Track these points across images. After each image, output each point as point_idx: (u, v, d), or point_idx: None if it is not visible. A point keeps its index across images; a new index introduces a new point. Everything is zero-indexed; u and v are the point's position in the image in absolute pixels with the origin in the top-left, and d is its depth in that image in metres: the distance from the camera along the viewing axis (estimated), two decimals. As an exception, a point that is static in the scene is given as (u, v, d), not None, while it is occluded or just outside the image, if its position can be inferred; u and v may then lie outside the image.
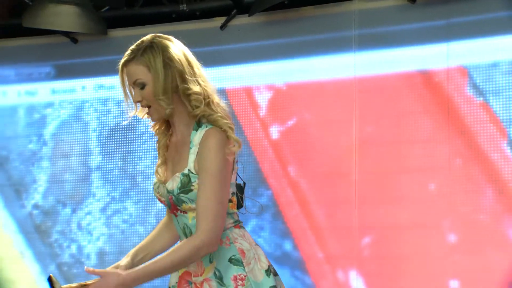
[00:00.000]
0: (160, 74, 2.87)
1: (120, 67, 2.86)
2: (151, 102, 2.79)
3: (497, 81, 3.47)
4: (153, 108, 2.80)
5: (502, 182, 3.43)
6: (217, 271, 2.65)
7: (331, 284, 3.68)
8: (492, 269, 3.43)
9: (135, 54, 2.85)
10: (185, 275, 2.63)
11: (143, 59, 2.86)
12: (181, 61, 2.92)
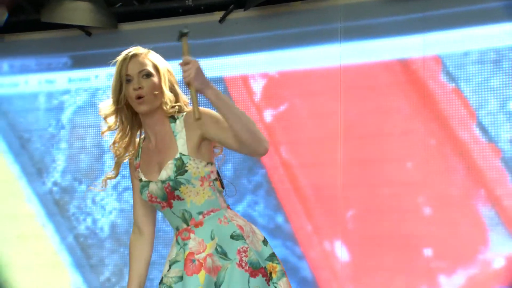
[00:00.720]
0: (166, 74, 3.08)
1: (129, 57, 3.00)
2: (148, 93, 2.86)
3: (467, 69, 3.59)
4: (147, 98, 2.84)
5: (471, 159, 3.54)
6: (218, 247, 2.81)
7: (318, 253, 3.77)
8: (462, 237, 3.53)
9: (144, 52, 3.05)
10: (189, 256, 2.77)
11: (152, 57, 3.03)
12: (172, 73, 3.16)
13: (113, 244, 4.23)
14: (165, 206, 2.86)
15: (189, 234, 2.85)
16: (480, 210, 3.53)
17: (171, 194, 2.82)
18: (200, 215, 2.84)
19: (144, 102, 2.87)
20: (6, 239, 4.46)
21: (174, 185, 2.82)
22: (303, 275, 3.79)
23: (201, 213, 2.84)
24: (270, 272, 2.82)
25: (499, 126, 3.53)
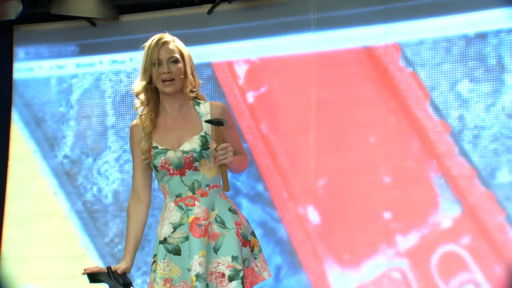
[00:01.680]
0: (188, 60, 3.16)
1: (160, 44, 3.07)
2: (175, 76, 3.05)
3: (423, 55, 3.72)
4: (175, 81, 3.06)
5: (425, 134, 3.67)
6: (218, 217, 3.10)
7: (293, 217, 3.89)
8: (416, 202, 3.66)
9: (171, 39, 3.14)
10: (195, 220, 3.07)
11: (178, 46, 3.13)
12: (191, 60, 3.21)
13: (115, 209, 4.31)
14: (175, 173, 3.09)
15: (193, 201, 3.10)
16: (432, 179, 3.65)
17: (189, 164, 3.07)
18: (207, 187, 3.12)
19: (171, 84, 3.04)
20: (23, 204, 4.50)
21: (197, 156, 3.07)
22: (280, 235, 3.91)
23: (208, 185, 3.12)
24: (253, 245, 3.17)
25: (449, 105, 3.65)
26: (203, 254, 3.08)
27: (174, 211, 3.12)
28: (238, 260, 3.07)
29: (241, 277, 3.06)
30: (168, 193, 3.16)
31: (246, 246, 3.15)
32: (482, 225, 3.54)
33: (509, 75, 3.54)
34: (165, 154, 3.07)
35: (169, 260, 3.12)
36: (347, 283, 3.78)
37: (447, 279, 3.58)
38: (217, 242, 3.10)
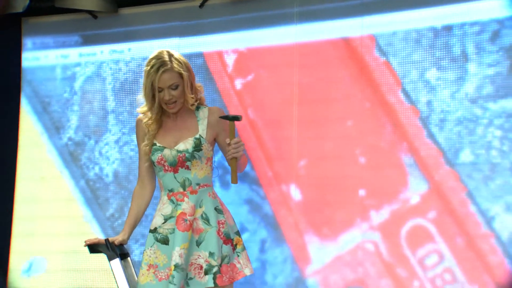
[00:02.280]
0: (187, 79, 3.26)
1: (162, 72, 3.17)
2: (177, 99, 3.24)
3: (395, 46, 3.74)
4: (178, 103, 3.25)
5: (396, 118, 3.71)
6: (204, 214, 3.27)
7: (277, 194, 3.94)
8: (388, 181, 3.72)
9: (168, 65, 3.22)
10: (182, 215, 3.25)
11: (177, 67, 3.22)
12: (191, 71, 3.32)
13: (115, 187, 4.33)
14: (169, 170, 3.29)
15: (183, 197, 3.26)
16: (402, 159, 3.69)
17: (182, 163, 3.25)
18: (197, 185, 3.28)
19: (175, 106, 3.25)
20: (32, 182, 4.53)
21: (189, 156, 3.25)
22: (265, 211, 3.96)
23: (198, 184, 3.28)
24: (236, 243, 3.31)
25: (418, 92, 3.68)
26: (185, 247, 3.22)
27: (167, 204, 3.30)
28: (215, 257, 3.23)
29: (213, 272, 3.23)
30: (163, 187, 3.33)
31: (227, 244, 3.28)
32: (446, 201, 3.59)
33: (472, 64, 3.57)
34: (161, 151, 3.26)
35: (157, 248, 3.29)
36: (325, 254, 3.82)
37: (414, 250, 3.63)
38: (200, 237, 3.25)
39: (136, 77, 4.32)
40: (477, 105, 3.57)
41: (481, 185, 3.53)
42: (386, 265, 3.69)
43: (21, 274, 4.50)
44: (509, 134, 3.50)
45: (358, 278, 3.74)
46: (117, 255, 3.44)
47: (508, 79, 3.51)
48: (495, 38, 3.55)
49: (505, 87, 3.52)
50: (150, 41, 4.30)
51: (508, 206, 3.49)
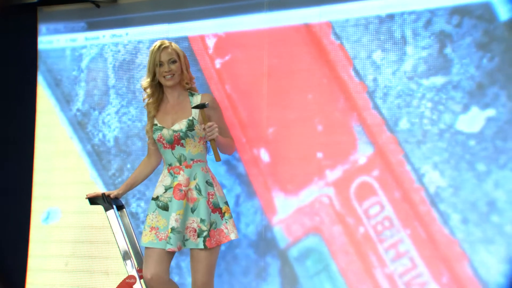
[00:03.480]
0: (184, 60, 3.51)
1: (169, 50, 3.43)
2: (175, 72, 3.44)
3: (347, 31, 3.81)
4: (174, 76, 3.44)
5: (348, 93, 3.81)
6: (197, 185, 3.44)
7: (249, 157, 4.02)
8: (341, 144, 3.82)
9: (167, 44, 3.46)
10: (178, 186, 3.42)
11: (175, 49, 3.49)
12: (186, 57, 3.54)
13: (116, 151, 4.42)
14: (167, 147, 3.46)
15: (179, 170, 3.44)
16: (352, 126, 3.79)
17: (177, 141, 3.41)
18: (192, 161, 3.46)
19: (171, 79, 3.44)
20: (48, 145, 4.64)
21: (183, 135, 3.42)
22: (239, 171, 4.04)
23: (192, 160, 3.46)
24: (224, 212, 3.48)
25: (366, 70, 3.77)
26: (180, 213, 3.40)
27: (167, 176, 3.48)
28: (205, 223, 3.40)
29: (203, 236, 3.39)
30: (165, 162, 3.51)
31: (215, 213, 3.45)
32: (387, 161, 3.70)
33: (410, 47, 3.67)
34: (160, 130, 3.45)
35: (158, 213, 3.45)
36: (289, 206, 3.93)
37: (361, 202, 3.76)
38: (194, 205, 3.43)
39: (132, 57, 4.41)
40: (413, 81, 3.67)
41: (415, 148, 3.65)
42: (338, 214, 3.80)
43: (41, 222, 4.61)
44: (438, 105, 3.61)
45: (315, 225, 3.84)
46: (112, 206, 3.68)
47: (437, 59, 3.61)
48: (427, 25, 3.64)
49: (435, 66, 3.62)
50: (144, 27, 4.36)
51: (435, 165, 3.60)
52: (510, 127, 3.49)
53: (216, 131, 3.35)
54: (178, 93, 3.55)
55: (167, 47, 3.48)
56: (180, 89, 3.56)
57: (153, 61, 3.45)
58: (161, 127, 3.48)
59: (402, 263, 3.69)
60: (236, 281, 4.05)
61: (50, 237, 4.59)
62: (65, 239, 4.55)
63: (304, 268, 3.90)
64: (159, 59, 3.44)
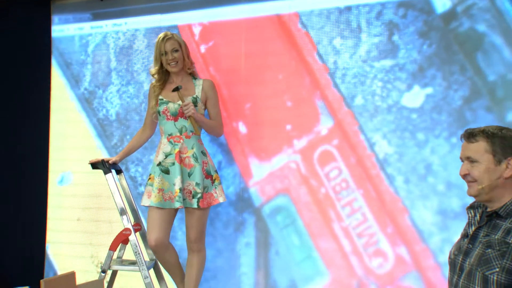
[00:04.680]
0: (185, 48, 3.57)
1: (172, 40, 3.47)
2: (178, 60, 3.53)
3: (312, 21, 3.90)
4: (178, 63, 3.53)
5: (313, 73, 3.87)
6: (194, 154, 3.53)
7: (229, 129, 4.06)
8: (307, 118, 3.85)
9: (170, 36, 3.51)
10: (179, 153, 3.48)
11: (177, 39, 3.55)
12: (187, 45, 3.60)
13: (117, 124, 4.51)
14: (171, 118, 3.52)
15: (180, 140, 3.51)
16: (316, 103, 3.85)
17: (181, 114, 3.49)
18: (191, 132, 3.53)
19: (176, 66, 3.54)
20: (61, 117, 4.71)
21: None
22: (221, 141, 4.09)
23: (192, 131, 3.54)
24: (214, 179, 3.58)
25: (328, 54, 3.84)
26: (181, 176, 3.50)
27: (167, 145, 3.54)
28: (199, 186, 3.50)
29: (198, 197, 3.50)
30: (164, 133, 3.56)
31: (208, 179, 3.56)
32: (345, 132, 3.78)
33: (364, 34, 3.77)
34: (166, 104, 3.53)
35: (162, 177, 3.52)
36: (262, 171, 4.00)
37: (323, 167, 3.84)
38: (191, 170, 3.52)
39: (130, 43, 4.46)
40: (366, 64, 3.76)
41: (368, 121, 3.76)
42: (303, 178, 3.88)
43: (56, 184, 4.71)
44: (387, 84, 3.71)
45: (285, 187, 3.92)
46: (110, 171, 3.82)
47: (387, 45, 3.72)
48: (379, 16, 3.73)
49: (385, 51, 3.72)
50: (140, 17, 4.42)
51: (384, 135, 3.72)
52: (444, 103, 3.61)
53: (190, 109, 3.45)
54: (182, 77, 3.68)
55: (170, 38, 3.59)
56: (184, 74, 3.69)
57: (158, 51, 3.56)
58: (167, 101, 3.55)
59: (356, 218, 3.78)
60: (219, 233, 4.15)
61: (63, 201, 4.70)
62: (77, 196, 4.64)
63: (275, 223, 3.98)
64: (164, 49, 3.55)
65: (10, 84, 4.81)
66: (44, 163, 4.70)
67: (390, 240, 3.69)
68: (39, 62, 4.71)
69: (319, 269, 3.86)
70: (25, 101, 4.76)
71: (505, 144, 2.16)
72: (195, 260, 3.67)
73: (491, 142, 2.18)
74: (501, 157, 2.17)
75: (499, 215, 2.18)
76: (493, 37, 3.41)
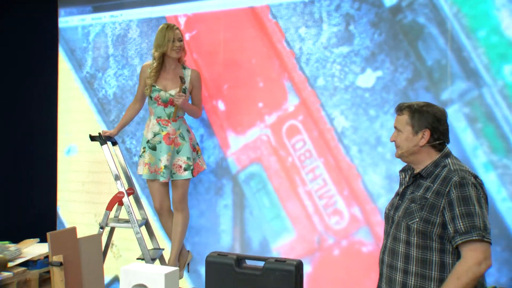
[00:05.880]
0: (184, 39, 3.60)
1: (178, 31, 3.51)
2: (181, 48, 3.56)
3: (281, 12, 3.89)
4: (180, 51, 3.55)
5: (281, 58, 3.88)
6: (181, 134, 3.59)
7: (210, 106, 4.08)
8: (276, 97, 3.89)
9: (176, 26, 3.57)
10: (167, 135, 3.51)
11: (180, 30, 3.60)
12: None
13: (115, 103, 4.54)
14: (161, 104, 3.53)
15: (167, 123, 3.56)
16: (284, 83, 3.86)
17: (171, 102, 3.53)
18: (178, 117, 3.59)
19: (179, 53, 3.54)
20: (68, 95, 4.73)
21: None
22: (203, 117, 4.08)
23: (178, 116, 3.59)
24: (197, 151, 3.68)
25: (294, 41, 3.84)
26: (169, 154, 3.55)
27: (156, 125, 3.59)
28: (190, 160, 3.58)
29: (191, 169, 3.60)
30: (153, 114, 3.60)
31: (194, 151, 3.66)
32: (308, 109, 3.79)
33: (325, 24, 3.76)
34: (158, 92, 3.54)
35: (149, 153, 3.60)
36: (238, 143, 4.03)
37: (290, 139, 3.86)
38: (179, 148, 3.59)
39: (125, 32, 4.46)
40: (327, 50, 3.76)
41: (328, 99, 3.76)
42: (274, 148, 3.91)
43: (64, 155, 4.76)
44: (344, 68, 3.71)
45: (257, 156, 3.96)
46: (106, 142, 3.86)
47: (344, 33, 3.71)
48: (337, 9, 3.73)
49: (342, 38, 3.72)
50: (134, 9, 4.41)
51: (342, 111, 3.73)
52: (392, 83, 3.62)
53: (181, 100, 3.50)
54: (175, 65, 3.69)
55: (177, 28, 3.62)
56: (177, 62, 3.70)
57: (166, 38, 3.53)
58: (159, 89, 3.57)
59: (317, 183, 3.81)
60: (201, 197, 4.19)
61: (70, 166, 4.75)
62: (81, 167, 4.71)
63: (249, 187, 4.01)
64: (172, 36, 3.56)
65: (24, 68, 4.84)
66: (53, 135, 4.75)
67: (346, 201, 3.73)
68: (49, 49, 4.74)
69: (286, 227, 3.90)
70: (37, 82, 4.79)
71: (422, 118, 2.28)
72: (180, 218, 3.76)
73: (412, 116, 2.30)
74: (418, 129, 2.29)
75: (422, 176, 2.30)
76: (430, 28, 3.44)
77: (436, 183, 2.18)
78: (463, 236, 2.06)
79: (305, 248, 3.81)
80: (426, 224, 2.16)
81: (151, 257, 3.84)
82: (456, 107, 3.37)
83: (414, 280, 2.17)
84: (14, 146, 4.85)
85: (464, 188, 2.11)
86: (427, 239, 2.15)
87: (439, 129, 2.27)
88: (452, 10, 3.40)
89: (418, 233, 2.17)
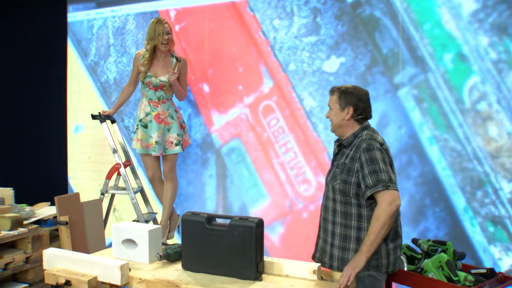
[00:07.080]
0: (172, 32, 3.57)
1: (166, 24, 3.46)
2: (169, 41, 3.53)
3: (258, 6, 3.86)
4: (168, 44, 3.52)
5: (258, 46, 3.83)
6: (170, 114, 3.59)
7: (197, 89, 4.05)
8: (253, 80, 3.86)
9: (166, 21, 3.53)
10: (157, 115, 3.50)
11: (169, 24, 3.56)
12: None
13: (115, 87, 4.49)
14: (152, 89, 3.54)
15: (158, 104, 3.56)
16: (261, 68, 3.84)
17: (161, 87, 3.53)
18: (167, 99, 3.59)
19: (167, 46, 3.51)
20: (76, 80, 4.68)
21: (165, 84, 3.53)
22: (191, 98, 4.07)
23: (167, 98, 3.59)
24: (184, 128, 3.66)
25: (269, 31, 3.81)
26: (160, 132, 3.55)
27: (147, 106, 3.59)
28: (180, 136, 3.59)
29: (181, 144, 3.60)
30: (145, 96, 3.60)
31: (181, 128, 3.65)
32: (281, 91, 3.78)
33: (296, 17, 3.72)
34: (150, 78, 3.54)
35: (142, 130, 3.60)
36: (221, 121, 4.02)
37: (265, 117, 3.85)
38: (169, 126, 3.59)
39: (124, 25, 4.43)
40: (297, 39, 3.73)
41: (299, 82, 3.73)
42: (251, 126, 3.90)
43: (73, 132, 4.73)
44: (312, 54, 3.68)
45: (237, 132, 3.94)
46: (104, 120, 3.87)
47: (312, 25, 3.68)
48: (306, 3, 3.71)
49: (310, 29, 3.69)
50: (131, 4, 4.39)
51: (310, 93, 3.71)
52: (353, 69, 3.59)
53: (174, 77, 3.50)
54: (165, 55, 3.67)
55: (166, 22, 3.58)
56: (166, 52, 3.68)
57: (156, 31, 3.53)
58: (150, 75, 3.57)
59: (289, 155, 3.80)
60: (189, 168, 4.18)
61: (79, 140, 4.74)
62: (87, 142, 4.70)
63: (230, 160, 4.01)
64: (162, 30, 3.54)
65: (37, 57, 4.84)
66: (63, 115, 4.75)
67: (313, 171, 3.72)
68: (60, 40, 4.72)
69: (262, 194, 3.90)
70: (49, 69, 4.79)
71: (347, 98, 2.42)
72: (169, 186, 3.78)
73: (339, 96, 2.44)
74: (344, 106, 2.43)
75: (344, 146, 2.44)
76: (385, 21, 3.43)
77: (352, 150, 2.33)
78: (371, 189, 2.22)
79: (278, 212, 3.82)
80: (345, 184, 2.32)
81: (145, 219, 3.84)
82: (406, 89, 3.38)
83: (339, 229, 2.37)
84: (31, 124, 4.90)
85: (371, 152, 2.26)
86: (347, 196, 2.32)
87: (360, 106, 2.39)
88: (403, 5, 3.40)
89: (340, 192, 2.33)
